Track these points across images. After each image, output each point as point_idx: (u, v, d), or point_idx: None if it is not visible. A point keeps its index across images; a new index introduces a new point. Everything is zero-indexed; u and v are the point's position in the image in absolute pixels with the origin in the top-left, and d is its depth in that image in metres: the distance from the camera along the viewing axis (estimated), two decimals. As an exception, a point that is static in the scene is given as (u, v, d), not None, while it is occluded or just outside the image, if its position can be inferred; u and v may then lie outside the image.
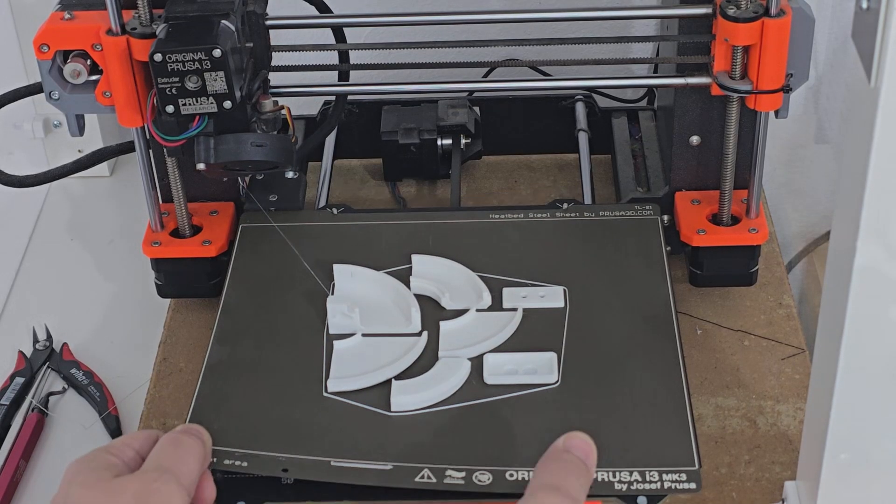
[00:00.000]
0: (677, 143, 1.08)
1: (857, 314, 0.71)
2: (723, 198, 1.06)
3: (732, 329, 1.07)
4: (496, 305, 0.98)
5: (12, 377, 1.10)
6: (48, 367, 1.12)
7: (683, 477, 0.84)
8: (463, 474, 0.84)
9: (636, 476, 0.83)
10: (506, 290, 0.99)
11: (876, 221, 0.68)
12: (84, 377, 1.10)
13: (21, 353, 1.12)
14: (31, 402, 1.08)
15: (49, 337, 1.14)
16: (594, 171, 1.22)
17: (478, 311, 0.98)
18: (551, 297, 0.99)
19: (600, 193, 1.21)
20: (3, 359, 1.12)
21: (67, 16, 0.98)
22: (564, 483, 0.76)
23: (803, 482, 0.83)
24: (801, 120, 1.38)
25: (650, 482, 0.83)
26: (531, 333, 0.96)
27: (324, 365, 0.93)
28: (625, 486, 0.83)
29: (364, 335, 0.96)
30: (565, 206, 1.09)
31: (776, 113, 1.01)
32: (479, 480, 0.83)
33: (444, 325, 0.96)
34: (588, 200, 1.17)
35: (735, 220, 1.08)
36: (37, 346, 1.13)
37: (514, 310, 0.98)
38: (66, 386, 1.10)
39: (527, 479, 0.83)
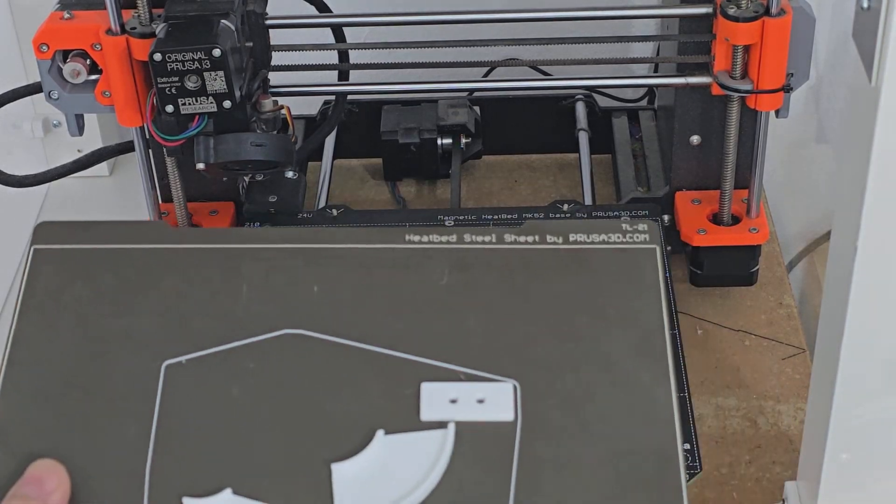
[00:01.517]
0: (678, 142, 1.08)
1: (858, 314, 0.71)
2: (723, 197, 1.06)
3: (733, 329, 1.06)
4: (411, 414, 0.65)
5: (12, 377, 1.10)
6: (48, 367, 1.11)
7: None
8: None
9: None
10: (425, 387, 0.66)
11: (877, 221, 0.68)
12: (83, 377, 1.09)
13: (20, 353, 1.12)
14: (31, 402, 1.08)
15: (48, 337, 1.14)
16: (594, 171, 1.22)
17: (387, 433, 0.65)
18: (494, 399, 0.65)
19: (601, 193, 1.21)
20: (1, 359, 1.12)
21: (67, 15, 0.98)
22: None
23: (804, 482, 0.83)
24: (801, 119, 1.38)
25: None
26: (468, 471, 0.63)
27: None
28: None
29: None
30: (566, 206, 1.09)
31: (777, 112, 1.01)
32: None
33: (337, 470, 0.63)
34: (588, 200, 1.17)
35: (735, 220, 1.07)
36: (36, 346, 1.13)
37: (443, 426, 0.65)
38: (65, 386, 1.10)
39: None
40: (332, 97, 1.21)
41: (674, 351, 0.68)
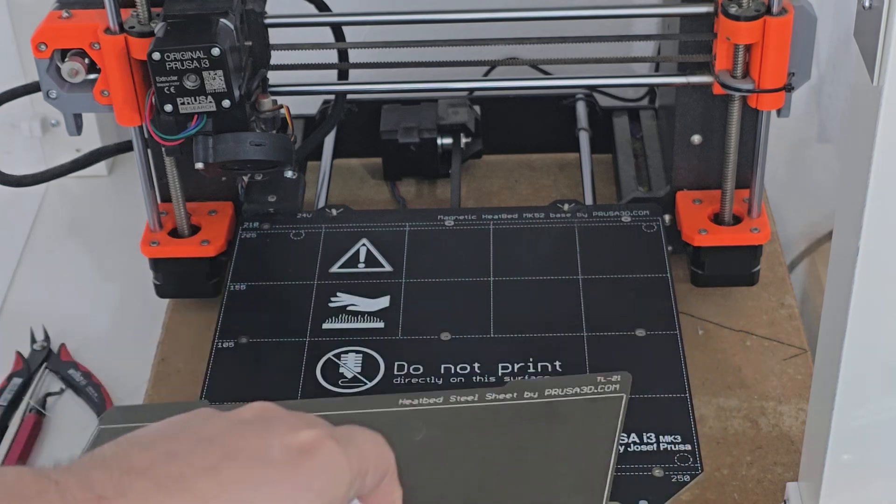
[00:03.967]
0: (679, 142, 1.08)
1: (860, 314, 0.71)
2: (724, 197, 1.06)
3: (734, 329, 1.06)
4: None
5: (10, 378, 1.10)
6: (46, 367, 1.11)
7: None
8: None
9: None
10: None
11: (878, 221, 0.68)
12: (82, 378, 1.09)
13: (19, 353, 1.12)
14: (29, 402, 1.08)
15: (47, 337, 1.14)
16: (595, 171, 1.22)
17: None
18: None
19: (601, 193, 1.21)
20: (0, 359, 1.12)
21: (65, 14, 0.98)
22: None
23: (805, 483, 0.83)
24: (803, 119, 1.38)
25: None
26: None
27: None
28: None
29: None
30: (566, 206, 1.08)
31: (778, 112, 1.01)
32: None
33: None
34: (589, 200, 1.17)
35: (737, 220, 1.07)
36: (34, 346, 1.13)
37: None
38: (63, 387, 1.10)
39: None
40: (332, 96, 1.21)
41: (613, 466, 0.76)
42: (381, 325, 0.99)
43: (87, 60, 0.98)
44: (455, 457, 0.77)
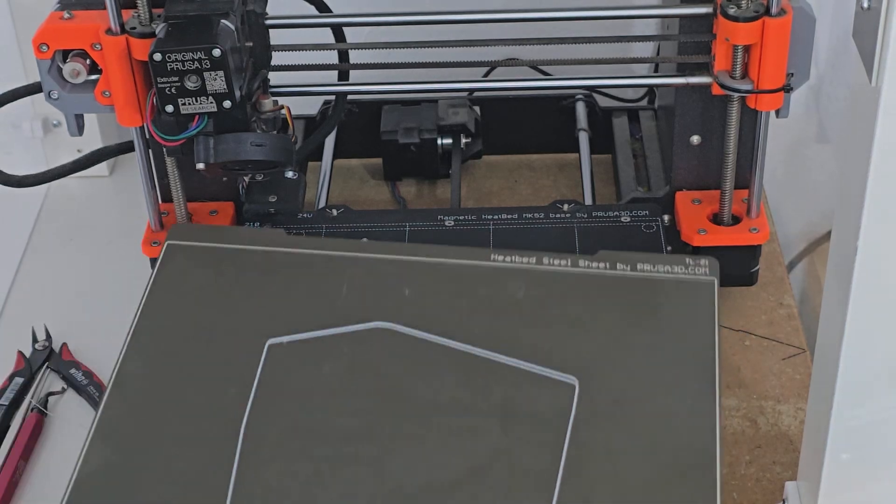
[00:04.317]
0: (678, 142, 1.08)
1: (858, 314, 0.71)
2: (724, 197, 1.06)
3: (733, 329, 1.06)
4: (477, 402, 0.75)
5: (11, 377, 1.10)
6: (47, 367, 1.12)
7: None
8: None
9: None
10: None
11: (877, 221, 0.68)
12: (83, 377, 1.10)
13: (20, 353, 1.12)
14: (31, 402, 1.08)
15: (48, 337, 1.14)
16: (595, 171, 1.22)
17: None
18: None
19: (601, 193, 1.21)
20: (2, 359, 1.12)
21: (67, 15, 0.98)
22: None
23: (804, 482, 0.83)
24: (802, 119, 1.38)
25: None
26: (523, 450, 0.73)
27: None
28: None
29: None
30: (566, 206, 1.08)
31: (777, 112, 1.01)
32: None
33: None
34: (588, 200, 1.17)
35: (736, 220, 1.07)
36: (36, 346, 1.13)
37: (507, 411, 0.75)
38: (65, 386, 1.10)
39: None
40: (332, 97, 1.21)
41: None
42: (381, 324, 0.99)
43: (88, 61, 0.98)
44: (558, 316, 0.78)
